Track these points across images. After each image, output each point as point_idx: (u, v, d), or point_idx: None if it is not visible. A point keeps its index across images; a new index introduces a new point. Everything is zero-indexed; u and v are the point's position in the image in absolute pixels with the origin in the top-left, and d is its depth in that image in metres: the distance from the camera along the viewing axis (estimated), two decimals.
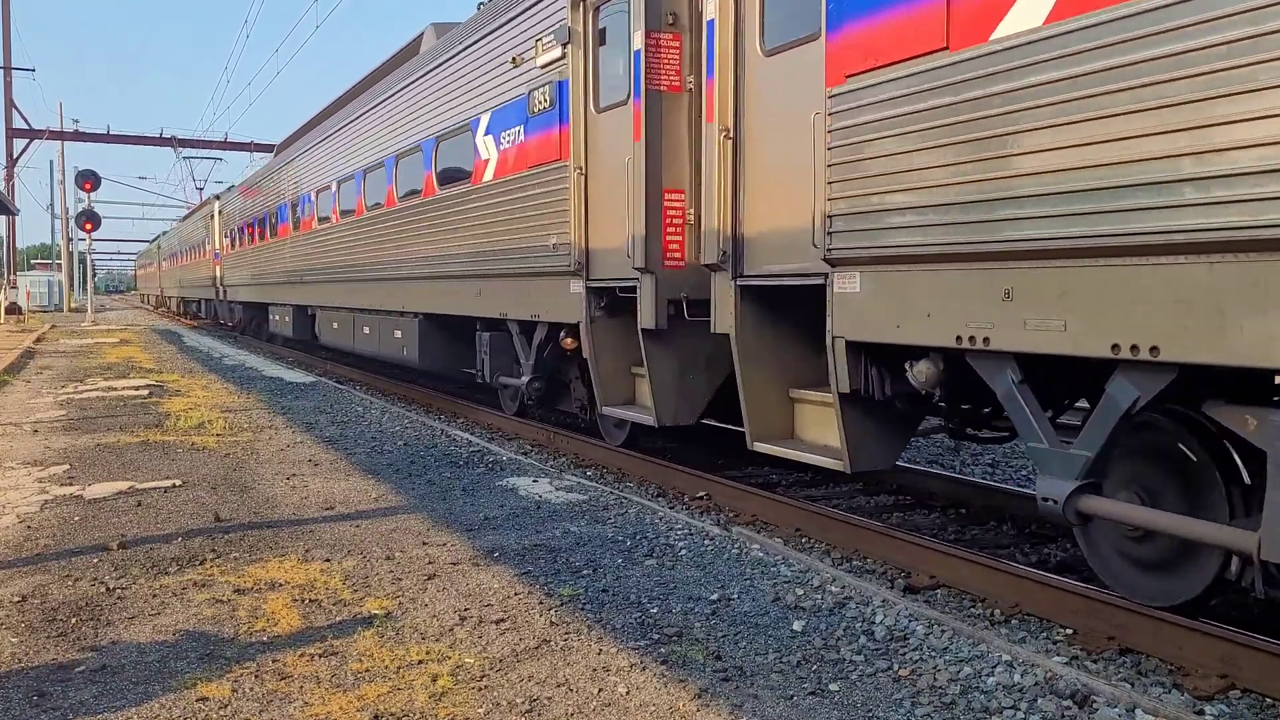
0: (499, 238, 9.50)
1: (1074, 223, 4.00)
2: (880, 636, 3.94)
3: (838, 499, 6.92)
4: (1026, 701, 3.35)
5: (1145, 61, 3.71)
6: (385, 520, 5.82)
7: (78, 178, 34.02)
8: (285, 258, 20.07)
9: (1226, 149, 3.47)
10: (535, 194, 8.73)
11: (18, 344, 20.67)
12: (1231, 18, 3.43)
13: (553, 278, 8.50)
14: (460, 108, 10.57)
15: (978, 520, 6.39)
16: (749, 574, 4.77)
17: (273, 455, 8.00)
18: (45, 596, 4.41)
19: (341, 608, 4.26)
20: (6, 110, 45.18)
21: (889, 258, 5.00)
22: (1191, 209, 3.59)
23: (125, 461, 7.68)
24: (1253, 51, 3.38)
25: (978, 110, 4.41)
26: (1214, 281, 3.58)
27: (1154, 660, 4.14)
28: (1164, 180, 3.67)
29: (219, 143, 51.42)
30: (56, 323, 33.61)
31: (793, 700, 3.36)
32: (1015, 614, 4.73)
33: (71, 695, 3.37)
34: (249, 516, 5.90)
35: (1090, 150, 3.92)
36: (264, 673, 3.55)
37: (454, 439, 8.96)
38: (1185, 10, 3.59)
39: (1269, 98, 3.34)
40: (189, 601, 4.34)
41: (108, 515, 5.92)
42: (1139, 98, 3.74)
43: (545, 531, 5.58)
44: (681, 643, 3.86)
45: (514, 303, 9.41)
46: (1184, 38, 3.59)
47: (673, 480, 7.60)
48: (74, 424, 9.66)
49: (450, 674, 3.53)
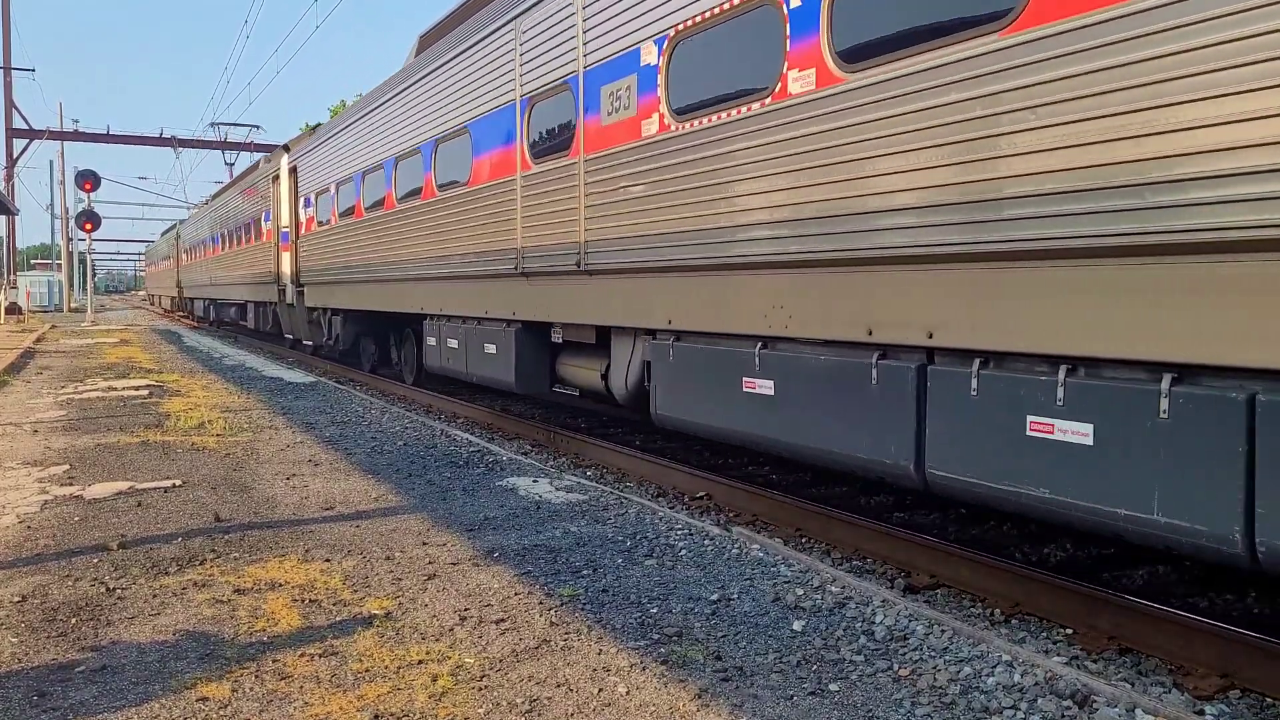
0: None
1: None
2: (880, 636, 3.94)
3: (838, 499, 6.92)
4: (1026, 701, 3.35)
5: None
6: (385, 520, 5.82)
7: (78, 178, 34.01)
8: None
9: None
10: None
11: (18, 344, 20.66)
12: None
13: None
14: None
15: (978, 520, 6.39)
16: (749, 574, 4.77)
17: (273, 455, 8.00)
18: (45, 596, 4.41)
19: (341, 608, 4.26)
20: (6, 110, 45.19)
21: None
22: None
23: (125, 461, 7.68)
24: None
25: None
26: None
27: (1154, 660, 4.15)
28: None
29: (219, 143, 51.40)
30: (56, 323, 33.61)
31: (793, 700, 3.36)
32: (1015, 614, 4.73)
33: (71, 695, 3.37)
34: (249, 516, 5.90)
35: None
36: (264, 673, 3.55)
37: (454, 439, 8.96)
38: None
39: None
40: (189, 601, 4.34)
41: (108, 515, 5.92)
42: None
43: (545, 531, 5.58)
44: (681, 643, 3.86)
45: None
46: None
47: (673, 480, 7.61)
48: (74, 424, 9.66)
49: (450, 674, 3.53)
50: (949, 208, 4.55)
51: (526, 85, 8.82)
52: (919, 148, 4.67)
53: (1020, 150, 4.16)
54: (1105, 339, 3.96)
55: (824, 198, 5.28)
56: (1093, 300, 4.00)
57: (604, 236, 7.51)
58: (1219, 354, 3.58)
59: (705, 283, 6.51)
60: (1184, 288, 3.69)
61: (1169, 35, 3.62)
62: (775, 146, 5.65)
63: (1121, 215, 3.79)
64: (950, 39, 4.56)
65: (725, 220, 6.11)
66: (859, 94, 5.04)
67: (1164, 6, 3.64)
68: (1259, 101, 3.35)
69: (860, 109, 5.03)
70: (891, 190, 4.86)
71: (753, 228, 5.87)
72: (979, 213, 4.39)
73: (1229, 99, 3.43)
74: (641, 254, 7.04)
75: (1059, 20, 4.01)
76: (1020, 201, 4.19)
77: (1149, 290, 3.81)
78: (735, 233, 6.03)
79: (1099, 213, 3.86)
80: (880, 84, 4.89)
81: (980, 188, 4.37)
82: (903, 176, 4.78)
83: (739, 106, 5.97)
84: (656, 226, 6.82)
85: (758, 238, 5.84)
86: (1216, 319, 3.59)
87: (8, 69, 44.52)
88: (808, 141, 5.39)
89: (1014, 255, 4.30)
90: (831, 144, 5.23)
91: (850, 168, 5.10)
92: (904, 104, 4.76)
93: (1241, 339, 3.52)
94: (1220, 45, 3.45)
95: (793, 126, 5.51)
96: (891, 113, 4.83)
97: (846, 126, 5.13)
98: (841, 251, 5.19)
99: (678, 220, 6.56)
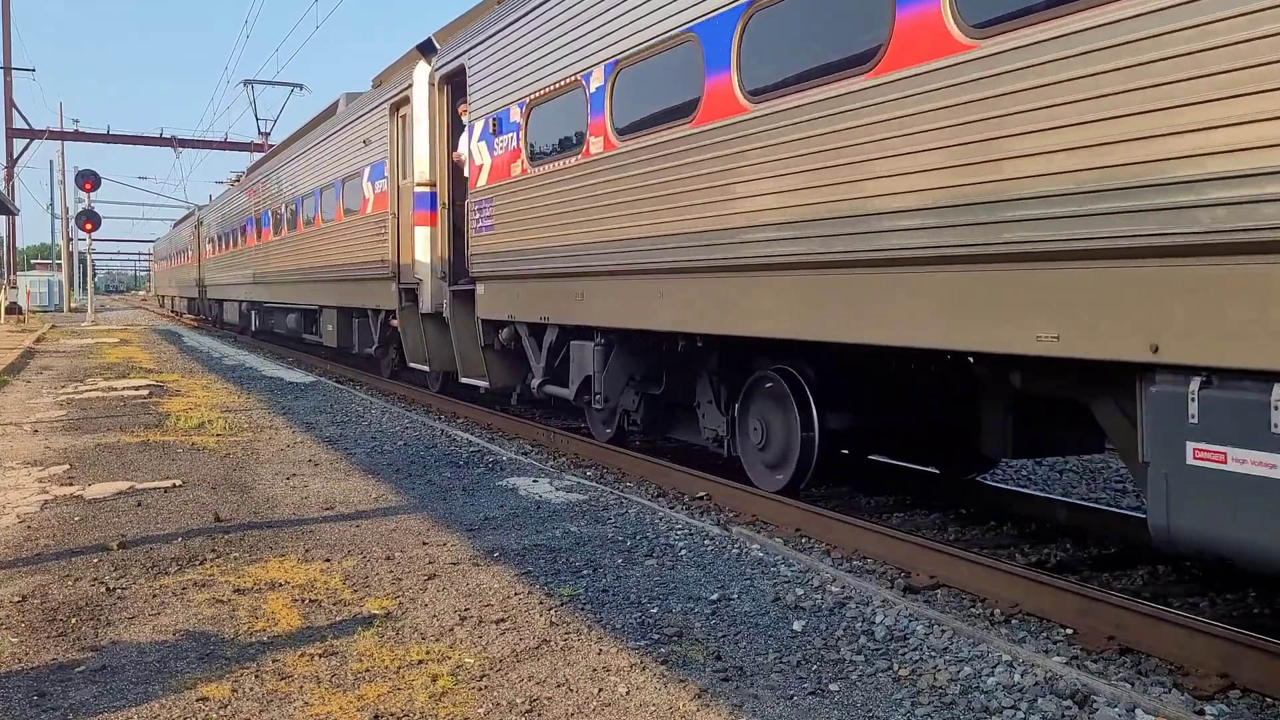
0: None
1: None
2: (880, 636, 3.94)
3: (838, 499, 6.92)
4: (1026, 701, 3.35)
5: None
6: (385, 520, 5.82)
7: (78, 178, 34.00)
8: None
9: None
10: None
11: (18, 344, 20.66)
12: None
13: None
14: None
15: (978, 520, 6.39)
16: (749, 574, 4.77)
17: (273, 455, 8.00)
18: (45, 596, 4.41)
19: (341, 608, 4.26)
20: (6, 110, 45.19)
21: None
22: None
23: (125, 461, 7.68)
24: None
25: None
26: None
27: (1154, 660, 4.14)
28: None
29: (219, 143, 51.43)
30: (56, 323, 33.60)
31: (793, 700, 3.36)
32: (1015, 614, 4.73)
33: (72, 695, 3.37)
34: (249, 516, 5.90)
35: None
36: (264, 673, 3.55)
37: (454, 439, 8.96)
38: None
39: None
40: (189, 601, 4.34)
41: (108, 515, 5.92)
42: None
43: (545, 531, 5.58)
44: (681, 643, 3.86)
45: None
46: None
47: (672, 480, 7.60)
48: (74, 424, 9.66)
49: (450, 674, 3.53)
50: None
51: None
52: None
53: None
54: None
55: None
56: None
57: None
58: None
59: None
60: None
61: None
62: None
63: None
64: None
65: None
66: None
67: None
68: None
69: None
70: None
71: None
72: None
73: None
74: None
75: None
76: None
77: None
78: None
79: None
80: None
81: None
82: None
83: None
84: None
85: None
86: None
87: (8, 69, 44.53)
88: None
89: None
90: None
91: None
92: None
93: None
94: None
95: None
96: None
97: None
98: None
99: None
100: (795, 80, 5.54)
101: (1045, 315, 4.13)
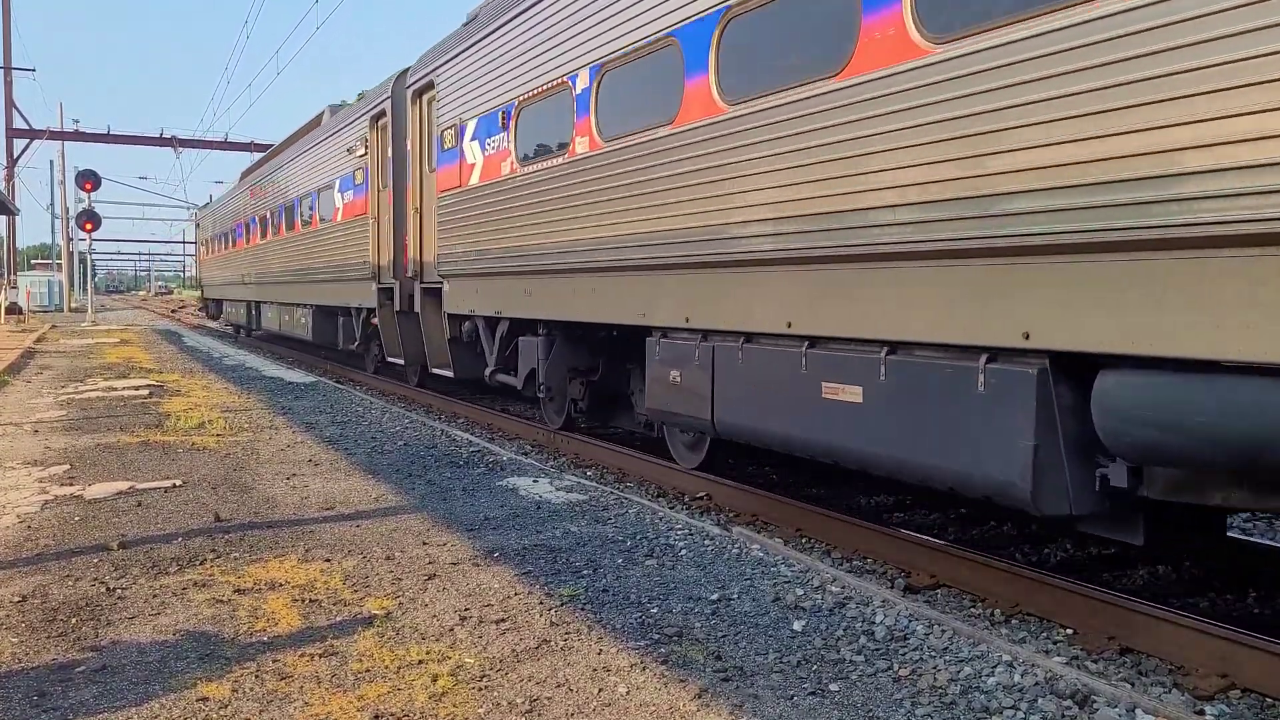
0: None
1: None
2: (880, 636, 3.94)
3: (838, 499, 6.92)
4: (1026, 701, 3.35)
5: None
6: (385, 520, 5.82)
7: (78, 178, 33.98)
8: None
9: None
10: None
11: (18, 344, 20.66)
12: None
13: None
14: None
15: (978, 520, 6.39)
16: (749, 574, 4.77)
17: (273, 455, 8.00)
18: (45, 596, 4.41)
19: (341, 608, 4.26)
20: (7, 110, 45.19)
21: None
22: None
23: (125, 461, 7.68)
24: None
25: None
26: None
27: (1154, 660, 4.15)
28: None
29: (219, 143, 51.40)
30: (57, 323, 33.59)
31: (793, 700, 3.37)
32: (1015, 614, 4.73)
33: (72, 695, 3.37)
34: (249, 516, 5.90)
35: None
36: (264, 673, 3.55)
37: (454, 439, 8.96)
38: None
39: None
40: (189, 601, 4.34)
41: (108, 515, 5.92)
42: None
43: (545, 531, 5.58)
44: (681, 643, 3.86)
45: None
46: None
47: (673, 480, 7.61)
48: (74, 424, 9.66)
49: (450, 674, 3.54)
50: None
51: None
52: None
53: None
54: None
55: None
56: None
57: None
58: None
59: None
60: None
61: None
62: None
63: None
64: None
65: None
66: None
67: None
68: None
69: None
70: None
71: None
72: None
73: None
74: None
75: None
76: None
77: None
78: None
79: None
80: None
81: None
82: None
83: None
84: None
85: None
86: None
87: (8, 69, 44.52)
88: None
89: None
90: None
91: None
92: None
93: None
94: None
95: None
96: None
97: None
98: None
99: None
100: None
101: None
